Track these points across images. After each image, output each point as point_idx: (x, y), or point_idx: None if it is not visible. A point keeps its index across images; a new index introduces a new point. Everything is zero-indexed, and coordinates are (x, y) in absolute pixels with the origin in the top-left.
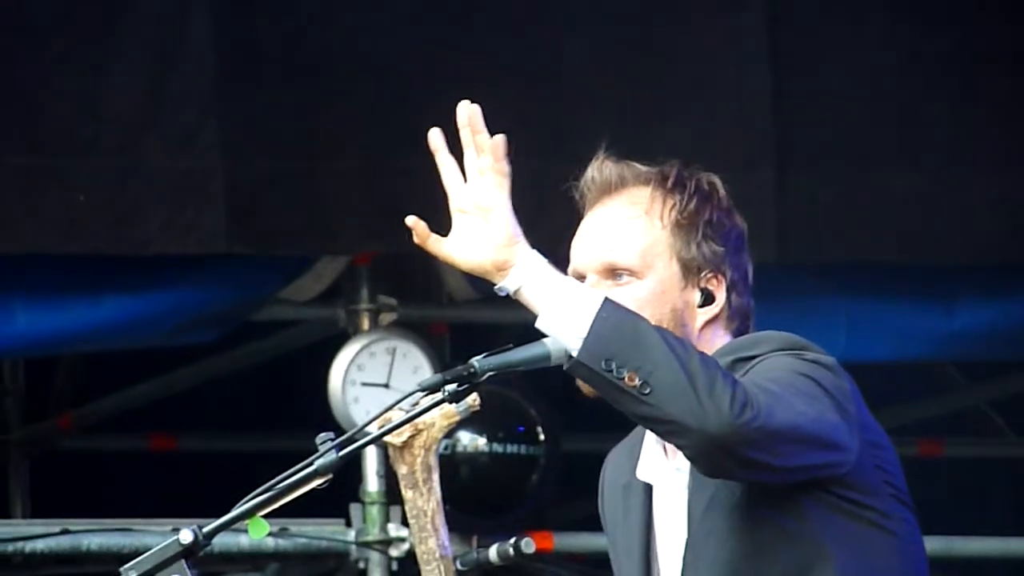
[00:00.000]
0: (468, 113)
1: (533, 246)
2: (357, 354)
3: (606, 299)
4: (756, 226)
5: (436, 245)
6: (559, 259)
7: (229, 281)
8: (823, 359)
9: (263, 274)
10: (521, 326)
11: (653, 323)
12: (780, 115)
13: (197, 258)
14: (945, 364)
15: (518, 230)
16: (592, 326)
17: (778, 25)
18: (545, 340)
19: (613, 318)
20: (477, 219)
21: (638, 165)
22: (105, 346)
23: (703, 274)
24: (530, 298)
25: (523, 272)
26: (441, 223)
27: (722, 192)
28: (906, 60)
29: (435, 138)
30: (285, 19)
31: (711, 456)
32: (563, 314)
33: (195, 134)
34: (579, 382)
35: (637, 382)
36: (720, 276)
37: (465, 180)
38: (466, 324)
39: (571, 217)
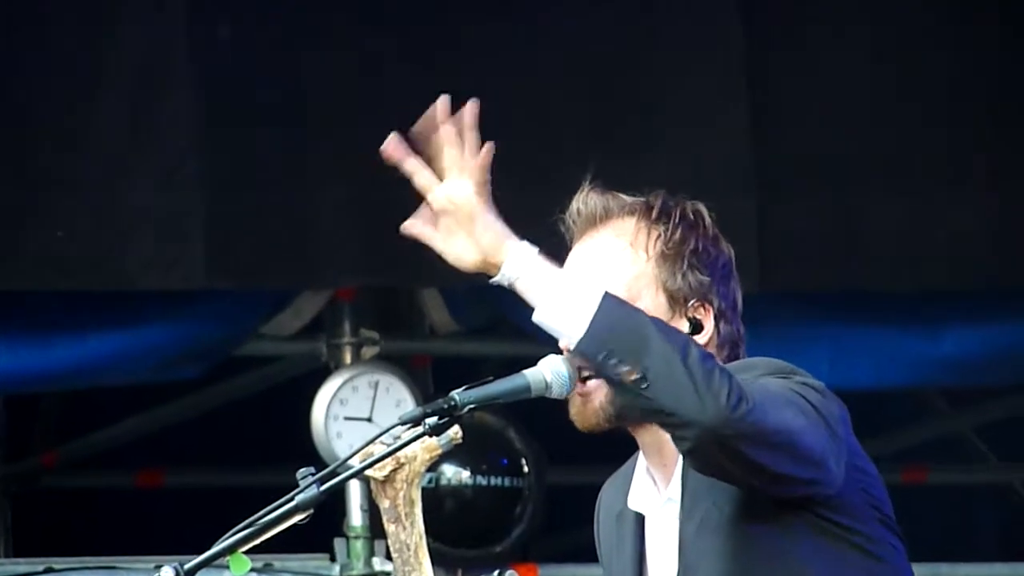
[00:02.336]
0: (466, 111)
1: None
2: (339, 388)
3: (606, 293)
4: (737, 255)
5: (426, 237)
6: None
7: (211, 317)
8: (812, 382)
9: (244, 309)
10: (504, 358)
11: None
12: (759, 144)
13: (179, 294)
14: (929, 390)
15: (501, 227)
16: (592, 320)
17: (757, 54)
18: (525, 372)
19: (613, 312)
20: (459, 221)
21: (623, 196)
22: (88, 383)
23: (690, 304)
24: (525, 292)
25: (515, 267)
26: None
27: (708, 220)
28: (886, 87)
29: (395, 148)
30: (267, 54)
31: (705, 448)
32: (561, 307)
33: (176, 169)
34: (572, 414)
35: (636, 376)
36: (707, 305)
37: (440, 180)
38: (449, 357)
39: (555, 248)
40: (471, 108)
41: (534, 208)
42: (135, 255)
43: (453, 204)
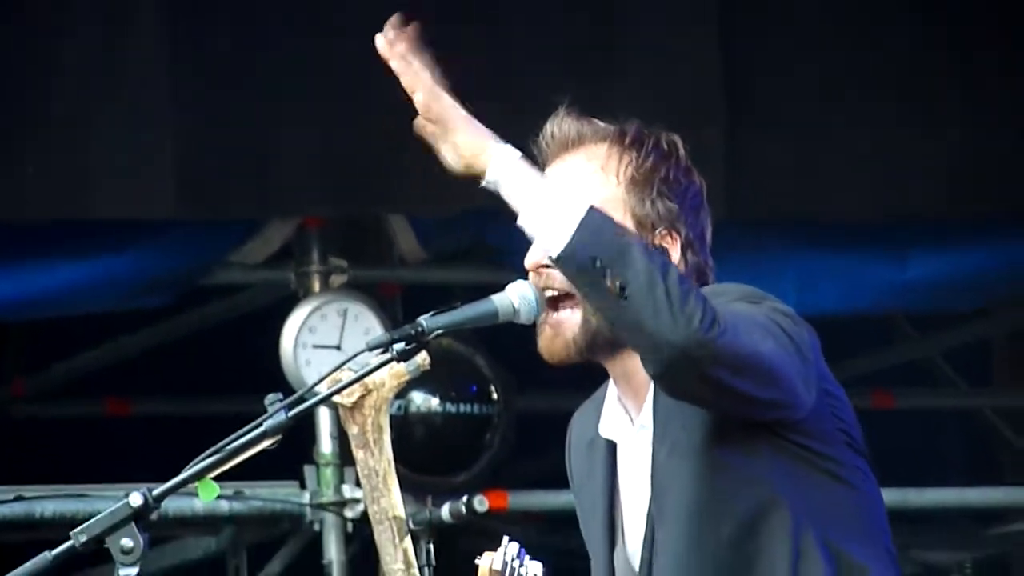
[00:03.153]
0: (406, 30)
1: None
2: (308, 316)
3: (590, 205)
4: (705, 182)
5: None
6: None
7: (180, 245)
8: (782, 307)
9: (213, 238)
10: (473, 286)
11: None
12: (728, 73)
13: (147, 223)
14: (896, 315)
15: (483, 132)
16: (582, 223)
17: None
18: (493, 297)
19: (599, 221)
20: (439, 130)
21: (598, 122)
22: (57, 312)
23: (657, 231)
24: (509, 196)
25: (498, 169)
26: (393, 185)
27: (681, 151)
28: (855, 14)
29: (383, 47)
30: None
31: (676, 369)
32: (547, 212)
33: (144, 100)
34: (540, 346)
35: (616, 285)
36: (675, 234)
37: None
38: (418, 285)
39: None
40: (408, 28)
41: (501, 133)
42: (105, 187)
43: (428, 113)
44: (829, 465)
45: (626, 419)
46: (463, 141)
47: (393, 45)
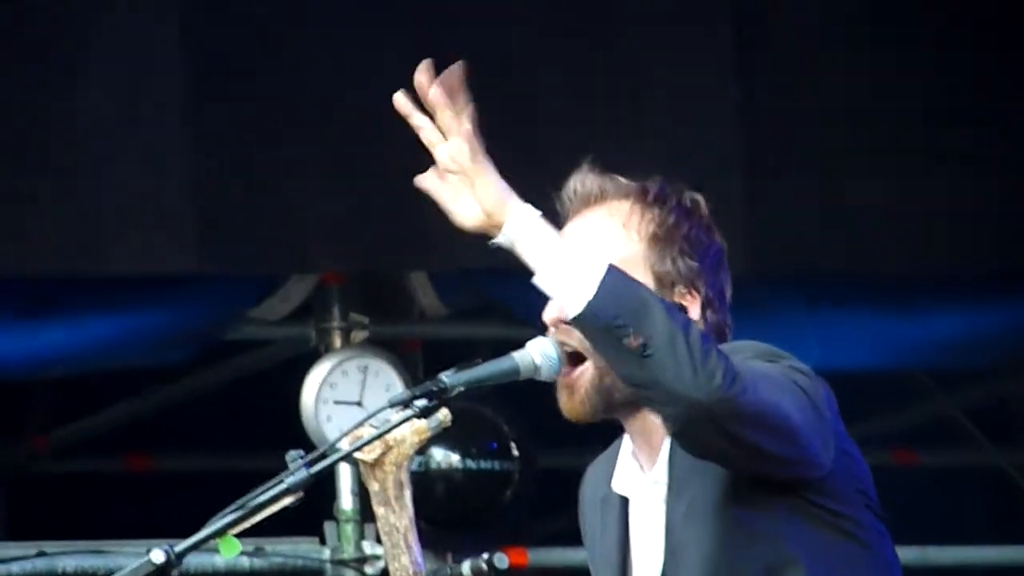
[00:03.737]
0: (452, 72)
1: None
2: (329, 373)
3: (609, 263)
4: (725, 238)
5: (435, 194)
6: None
7: (201, 301)
8: (799, 365)
9: (234, 294)
10: (494, 341)
11: None
12: (748, 127)
13: (169, 279)
14: (918, 373)
15: (504, 187)
16: (603, 282)
17: (746, 38)
18: (514, 354)
19: (619, 279)
20: (461, 179)
21: (620, 178)
22: (79, 369)
23: (677, 288)
24: (526, 254)
25: (516, 227)
26: (414, 242)
27: (703, 209)
28: (875, 70)
29: (403, 103)
30: (255, 39)
31: (696, 426)
32: (565, 271)
33: (165, 156)
34: (561, 396)
35: (638, 343)
36: (695, 292)
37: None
38: (439, 341)
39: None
40: (456, 69)
41: (519, 188)
42: (126, 242)
43: (454, 162)
44: (846, 524)
45: (640, 474)
46: (486, 194)
47: (437, 84)
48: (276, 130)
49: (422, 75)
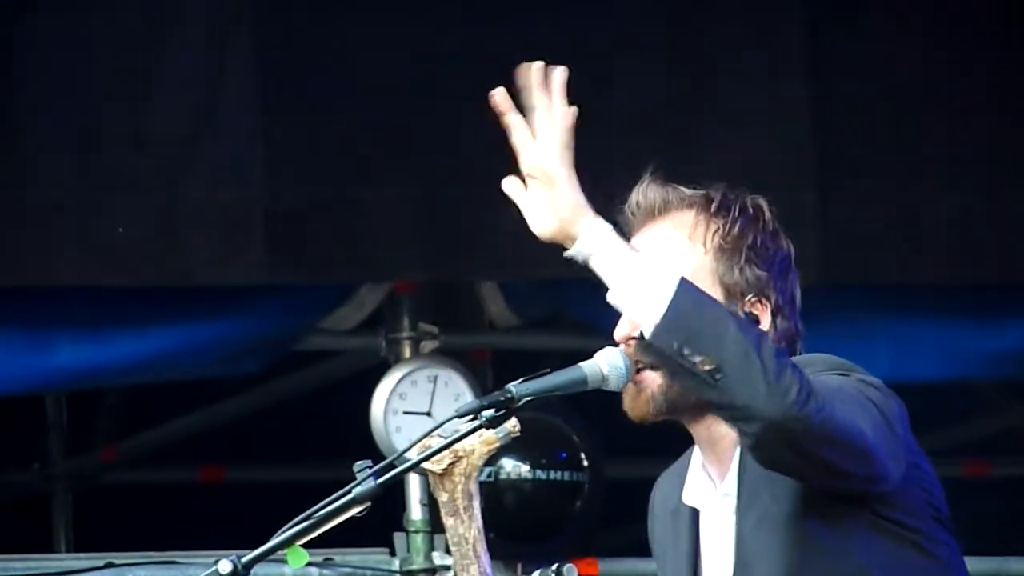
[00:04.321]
0: (555, 75)
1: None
2: (399, 383)
3: (682, 279)
4: (797, 248)
5: (517, 198)
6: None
7: (272, 311)
8: (870, 379)
9: (305, 304)
10: (564, 352)
11: None
12: (821, 136)
13: (240, 289)
14: (991, 383)
15: (582, 200)
16: (669, 307)
17: (818, 47)
18: (582, 364)
19: (689, 300)
20: (543, 186)
21: (683, 188)
22: (148, 378)
23: (747, 298)
24: (599, 269)
25: (589, 244)
26: (485, 251)
27: (768, 215)
28: (950, 77)
29: (502, 99)
30: (328, 47)
31: (772, 444)
32: (636, 291)
33: (237, 164)
34: (624, 404)
35: (709, 367)
36: (764, 300)
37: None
38: (508, 351)
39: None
40: (560, 74)
41: (598, 202)
42: (196, 251)
43: (538, 167)
44: (916, 538)
45: (710, 486)
46: (564, 202)
47: (546, 81)
48: (348, 139)
49: (530, 73)
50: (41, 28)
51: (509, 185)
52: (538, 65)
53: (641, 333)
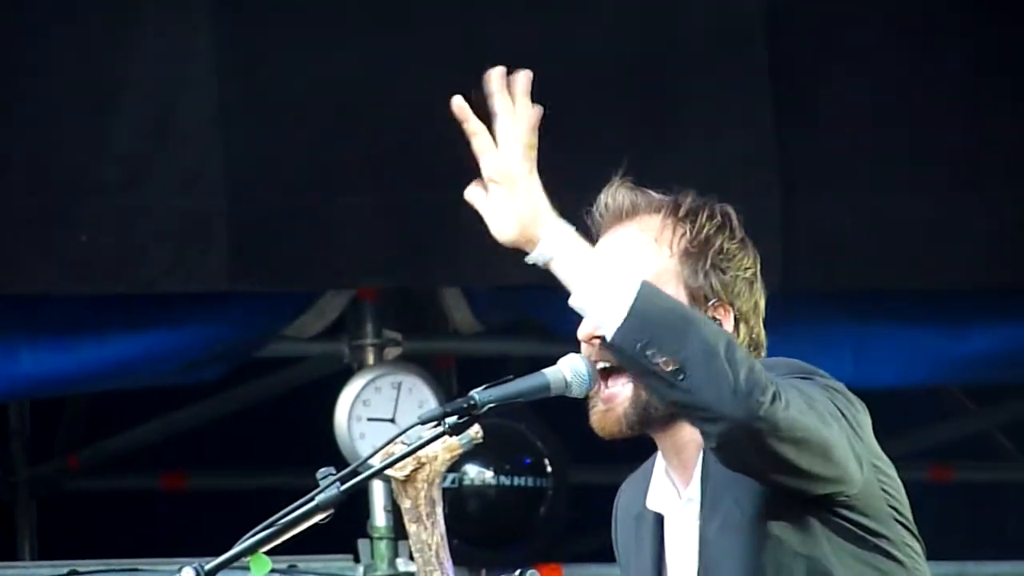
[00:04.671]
0: (518, 79)
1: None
2: (362, 389)
3: (644, 282)
4: (761, 253)
5: (478, 204)
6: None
7: (233, 318)
8: (833, 383)
9: (267, 311)
10: (528, 358)
11: None
12: (784, 142)
13: (201, 296)
14: (954, 389)
15: (544, 203)
16: (631, 308)
17: (782, 53)
18: (545, 371)
19: (651, 301)
20: (504, 189)
21: (652, 192)
22: (111, 385)
23: (710, 303)
24: (562, 273)
25: (551, 246)
26: (448, 257)
27: (735, 223)
28: (912, 85)
29: (461, 107)
30: (288, 54)
31: (736, 444)
32: (598, 293)
33: (198, 172)
34: (592, 420)
35: (672, 368)
36: (728, 307)
37: (496, 147)
38: (472, 357)
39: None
40: (524, 77)
41: (558, 205)
42: (158, 258)
43: (499, 171)
44: (880, 542)
45: (674, 492)
46: (526, 205)
47: (509, 84)
48: (311, 147)
49: (492, 80)
50: (2, 34)
51: (470, 192)
52: (499, 69)
53: (603, 335)
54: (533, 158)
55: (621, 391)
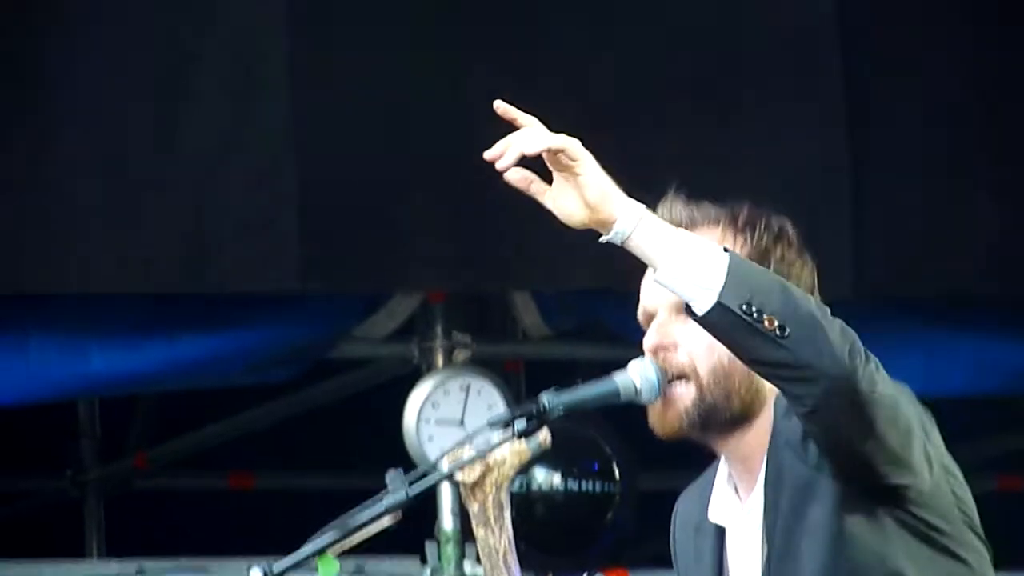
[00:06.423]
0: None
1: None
2: (431, 392)
3: (727, 248)
4: (831, 260)
5: (537, 192)
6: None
7: (304, 319)
8: (901, 387)
9: (337, 312)
10: (596, 362)
11: (725, 360)
12: (855, 147)
13: (272, 296)
14: (1022, 397)
15: (610, 181)
16: (730, 268)
17: (854, 57)
18: (615, 377)
19: (743, 263)
20: (569, 175)
21: (708, 205)
22: (181, 385)
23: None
24: (642, 249)
25: (627, 222)
26: (518, 261)
27: (791, 233)
28: (989, 85)
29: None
30: (363, 56)
31: (834, 406)
32: (688, 262)
33: (270, 172)
34: (651, 419)
35: (776, 324)
36: None
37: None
38: (541, 360)
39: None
40: (499, 105)
41: None
42: (229, 258)
43: (565, 151)
44: (948, 542)
45: (736, 501)
46: (593, 185)
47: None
48: (383, 149)
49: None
50: (68, 39)
51: (535, 188)
52: (499, 104)
53: (692, 311)
54: (585, 151)
55: (685, 391)
